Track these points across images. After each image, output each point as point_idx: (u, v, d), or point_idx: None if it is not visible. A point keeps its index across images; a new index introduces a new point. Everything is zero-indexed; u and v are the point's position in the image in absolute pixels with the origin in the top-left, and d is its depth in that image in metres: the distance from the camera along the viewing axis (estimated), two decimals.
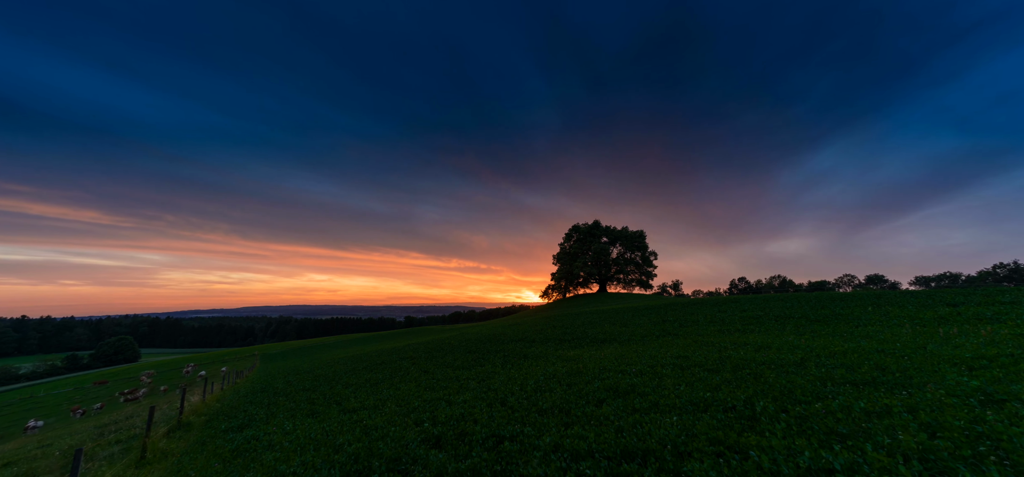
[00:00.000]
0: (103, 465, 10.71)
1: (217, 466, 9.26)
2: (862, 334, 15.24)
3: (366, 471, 7.25)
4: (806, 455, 5.38)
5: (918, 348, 11.40)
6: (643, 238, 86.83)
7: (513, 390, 11.62)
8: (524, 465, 6.45)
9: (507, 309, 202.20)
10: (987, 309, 17.28)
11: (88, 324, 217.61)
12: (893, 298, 23.88)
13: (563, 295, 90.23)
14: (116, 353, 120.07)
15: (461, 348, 23.65)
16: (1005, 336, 11.84)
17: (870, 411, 6.78)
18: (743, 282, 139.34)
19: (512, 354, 19.13)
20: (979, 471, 4.63)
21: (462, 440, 8.06)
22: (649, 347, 16.95)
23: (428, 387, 14.28)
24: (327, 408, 13.64)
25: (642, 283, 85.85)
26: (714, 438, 6.39)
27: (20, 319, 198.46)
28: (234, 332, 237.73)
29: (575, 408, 9.09)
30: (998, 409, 6.28)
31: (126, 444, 12.95)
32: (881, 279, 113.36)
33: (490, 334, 30.19)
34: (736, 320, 22.30)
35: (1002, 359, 9.20)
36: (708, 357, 13.01)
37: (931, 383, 7.95)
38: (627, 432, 7.19)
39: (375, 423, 10.33)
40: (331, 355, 37.78)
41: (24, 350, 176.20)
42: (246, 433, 11.76)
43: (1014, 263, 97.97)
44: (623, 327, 24.96)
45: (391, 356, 25.13)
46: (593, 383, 11.11)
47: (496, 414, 9.46)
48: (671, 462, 5.86)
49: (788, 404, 7.61)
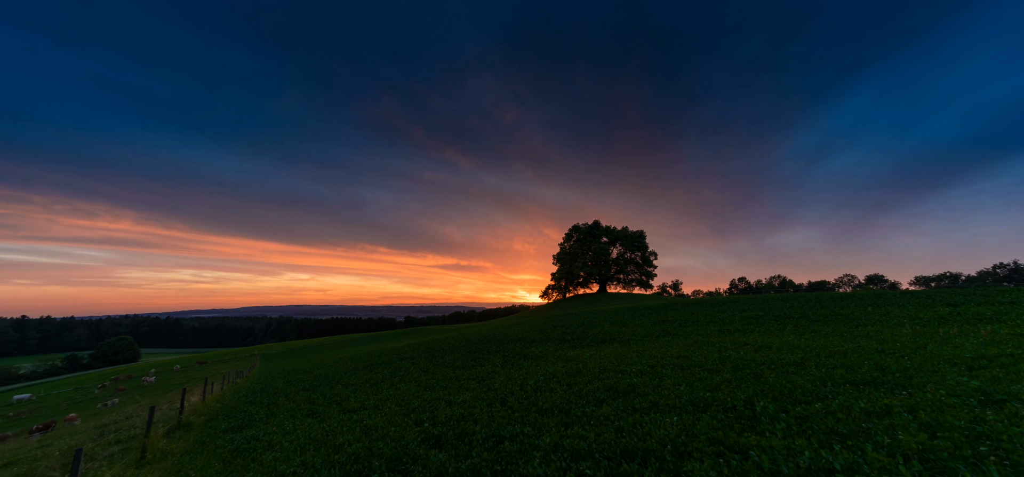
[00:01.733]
0: (103, 465, 10.71)
1: (217, 466, 9.26)
2: (862, 334, 15.23)
3: (366, 471, 7.24)
4: (806, 455, 5.38)
5: (918, 348, 11.40)
6: (643, 238, 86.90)
7: (513, 390, 11.62)
8: (524, 465, 6.45)
9: (507, 309, 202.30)
10: (987, 309, 17.28)
11: (88, 324, 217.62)
12: (893, 298, 23.88)
13: (563, 295, 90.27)
14: (116, 353, 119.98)
15: (461, 348, 23.64)
16: (1005, 336, 11.84)
17: (870, 411, 6.78)
18: (743, 282, 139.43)
19: (512, 354, 19.12)
20: (979, 471, 4.63)
21: (462, 440, 8.05)
22: (649, 347, 16.95)
23: (428, 387, 14.27)
24: (327, 408, 13.64)
25: (642, 283, 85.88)
26: (714, 438, 6.39)
27: (20, 319, 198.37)
28: (234, 332, 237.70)
29: (575, 408, 9.08)
30: (998, 409, 6.28)
31: (126, 444, 12.96)
32: (881, 279, 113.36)
33: (490, 334, 30.19)
34: (736, 320, 22.30)
35: (1002, 359, 9.20)
36: (708, 357, 13.00)
37: (931, 383, 7.95)
38: (627, 432, 7.19)
39: (375, 423, 10.33)
40: (331, 355, 37.78)
41: (24, 350, 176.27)
42: (246, 433, 11.77)
43: (1014, 263, 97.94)
44: (623, 327, 24.96)
45: (391, 356, 25.13)
46: (593, 383, 11.11)
47: (496, 414, 9.45)
48: (671, 462, 5.86)
49: (788, 404, 7.61)
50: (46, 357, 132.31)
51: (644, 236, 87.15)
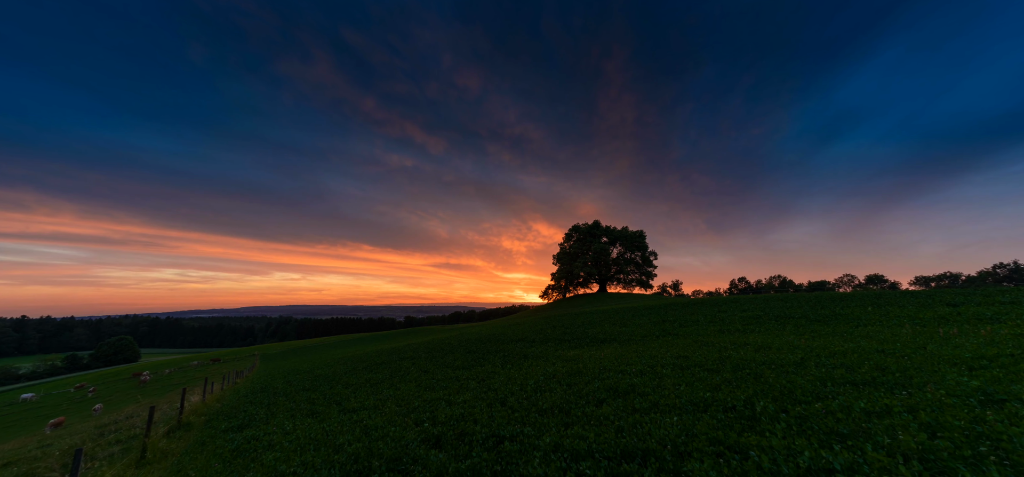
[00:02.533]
0: (103, 465, 10.70)
1: (217, 466, 9.26)
2: (862, 334, 15.23)
3: (366, 471, 7.24)
4: (806, 455, 5.38)
5: (918, 348, 11.40)
6: (643, 238, 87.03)
7: (513, 390, 11.62)
8: (524, 465, 6.45)
9: (507, 309, 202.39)
10: (987, 309, 17.29)
11: (88, 324, 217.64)
12: (893, 298, 23.88)
13: (563, 295, 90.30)
14: (116, 353, 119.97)
15: (461, 348, 23.64)
16: (1005, 336, 11.84)
17: (870, 411, 6.78)
18: (743, 282, 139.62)
19: (512, 354, 19.12)
20: (979, 471, 4.63)
21: (462, 440, 8.05)
22: (649, 347, 16.95)
23: (428, 387, 14.27)
24: (327, 408, 13.64)
25: (642, 283, 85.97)
26: (714, 438, 6.39)
27: (20, 319, 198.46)
28: (234, 332, 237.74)
29: (575, 408, 9.08)
30: (998, 409, 6.28)
31: (126, 444, 12.95)
32: (881, 279, 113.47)
33: (490, 334, 30.19)
34: (736, 320, 22.31)
35: (1002, 359, 9.20)
36: (708, 357, 13.00)
37: (931, 383, 7.95)
38: (627, 432, 7.19)
39: (375, 423, 10.32)
40: (331, 355, 37.79)
41: (24, 350, 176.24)
42: (246, 433, 11.76)
43: (1014, 263, 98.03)
44: (623, 327, 24.96)
45: (391, 356, 25.13)
46: (593, 383, 11.11)
47: (496, 414, 9.45)
48: (671, 462, 5.86)
49: (788, 404, 7.61)
50: (46, 357, 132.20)
51: (644, 236, 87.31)
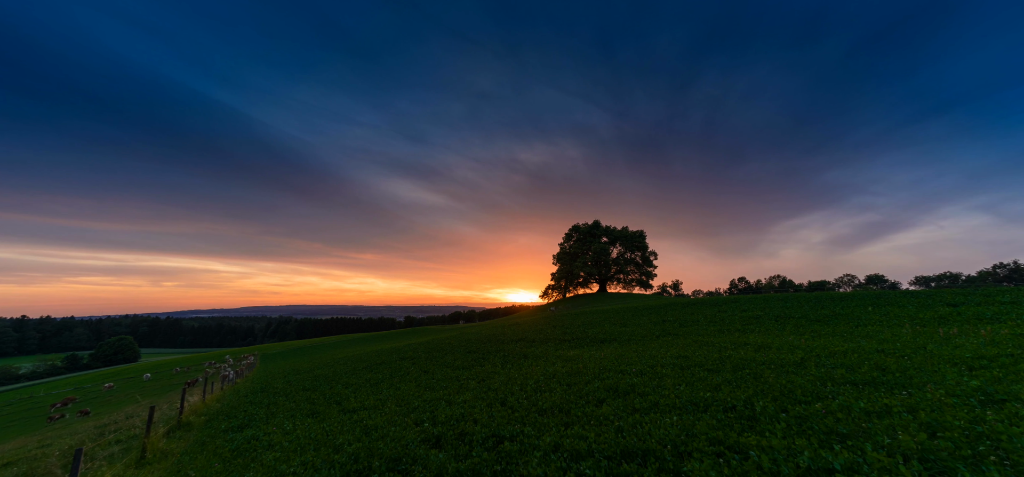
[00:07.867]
0: (103, 465, 10.70)
1: (217, 466, 9.26)
2: (862, 334, 15.24)
3: (366, 471, 7.24)
4: (806, 455, 5.38)
5: (918, 348, 11.40)
6: (643, 238, 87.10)
7: (513, 390, 11.62)
8: (524, 465, 6.45)
9: (507, 309, 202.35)
10: (987, 309, 17.29)
11: (88, 324, 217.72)
12: (893, 298, 23.88)
13: (563, 295, 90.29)
14: (116, 353, 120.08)
15: (461, 348, 23.64)
16: (1005, 336, 11.84)
17: (870, 411, 6.78)
18: (743, 282, 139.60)
19: (512, 354, 19.12)
20: (979, 471, 4.63)
21: (462, 440, 8.05)
22: (649, 347, 16.95)
23: (428, 387, 14.27)
24: (327, 408, 13.64)
25: (642, 283, 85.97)
26: (714, 438, 6.39)
27: (20, 319, 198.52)
28: (234, 332, 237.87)
29: (575, 408, 9.08)
30: (998, 409, 6.28)
31: (126, 444, 12.96)
32: (881, 279, 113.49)
33: (490, 334, 30.19)
34: (736, 320, 22.31)
35: (1002, 359, 9.20)
36: (708, 357, 13.01)
37: (931, 383, 7.95)
38: (627, 432, 7.19)
39: (375, 423, 10.32)
40: (331, 355, 37.78)
41: (24, 350, 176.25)
42: (246, 433, 11.76)
43: (1014, 263, 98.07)
44: (623, 327, 24.96)
45: (391, 356, 25.13)
46: (593, 383, 11.11)
47: (496, 414, 9.45)
48: (671, 462, 5.86)
49: (788, 404, 7.61)
50: (46, 357, 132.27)
51: (644, 236, 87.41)
